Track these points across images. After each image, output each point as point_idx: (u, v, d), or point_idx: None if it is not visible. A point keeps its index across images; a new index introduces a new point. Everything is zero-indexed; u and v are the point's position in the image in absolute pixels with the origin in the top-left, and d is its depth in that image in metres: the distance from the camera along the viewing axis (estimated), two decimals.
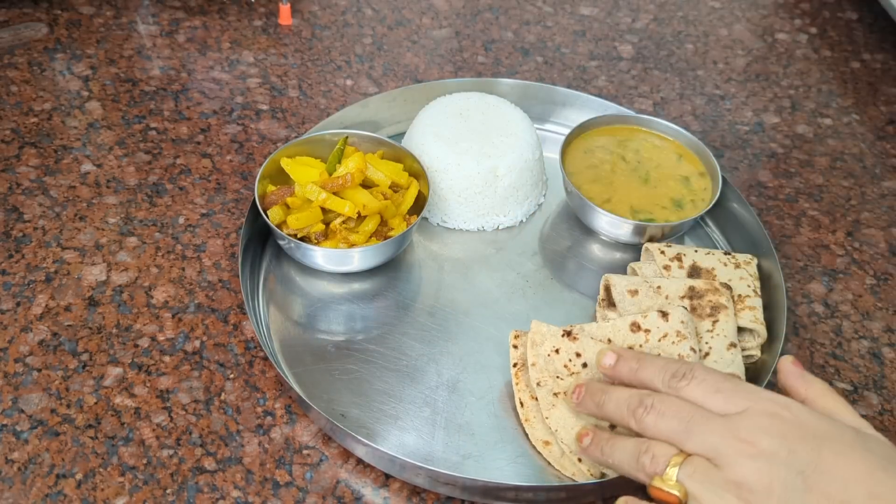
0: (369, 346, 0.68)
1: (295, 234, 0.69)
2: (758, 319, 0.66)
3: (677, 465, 0.49)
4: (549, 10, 1.05)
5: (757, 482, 0.46)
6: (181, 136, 0.84)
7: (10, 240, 0.73)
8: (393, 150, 0.76)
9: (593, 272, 0.75)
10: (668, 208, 0.75)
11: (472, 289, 0.73)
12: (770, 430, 0.48)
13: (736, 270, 0.69)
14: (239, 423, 0.62)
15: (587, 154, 0.78)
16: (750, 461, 0.47)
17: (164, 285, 0.70)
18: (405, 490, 0.60)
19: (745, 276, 0.69)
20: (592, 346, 0.61)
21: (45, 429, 0.61)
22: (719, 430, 0.49)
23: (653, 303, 0.65)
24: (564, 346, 0.61)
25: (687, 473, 0.49)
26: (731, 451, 0.48)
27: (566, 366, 0.61)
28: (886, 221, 0.83)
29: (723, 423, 0.49)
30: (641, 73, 0.97)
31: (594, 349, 0.60)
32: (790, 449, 0.47)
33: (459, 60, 0.96)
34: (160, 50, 0.93)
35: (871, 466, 0.46)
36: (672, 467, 0.49)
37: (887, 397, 0.68)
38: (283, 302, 0.70)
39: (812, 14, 1.10)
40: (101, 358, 0.65)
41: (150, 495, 0.58)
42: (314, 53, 0.95)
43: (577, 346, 0.61)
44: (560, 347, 0.61)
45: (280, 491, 0.59)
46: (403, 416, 0.63)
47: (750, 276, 0.69)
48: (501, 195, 0.76)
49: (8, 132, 0.82)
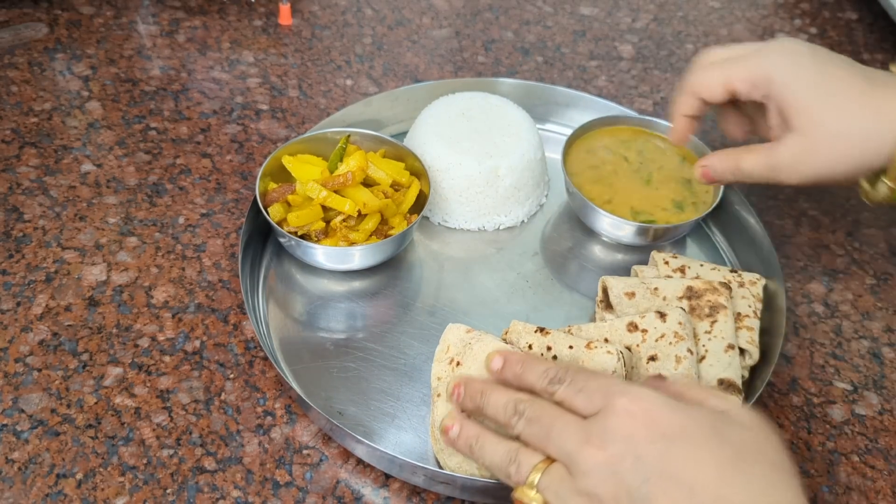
0: (368, 344, 0.68)
1: (295, 231, 0.69)
2: (753, 341, 0.65)
3: (540, 471, 0.49)
4: (549, 10, 1.05)
5: (604, 492, 0.46)
6: (181, 136, 0.84)
7: (10, 240, 0.73)
8: (395, 149, 0.76)
9: (594, 273, 0.75)
10: (669, 210, 0.75)
11: (473, 288, 0.73)
12: (618, 433, 0.47)
13: (739, 289, 0.68)
14: (239, 423, 0.62)
15: (589, 154, 0.78)
16: (598, 470, 0.46)
17: (164, 285, 0.70)
18: (405, 490, 0.60)
19: (747, 296, 0.67)
20: (563, 339, 0.61)
21: (46, 429, 0.61)
22: (574, 435, 0.48)
23: (650, 305, 0.65)
24: (537, 341, 0.61)
25: (545, 483, 0.48)
26: (582, 459, 0.47)
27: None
28: (886, 221, 0.83)
29: (577, 428, 0.48)
30: (641, 73, 0.97)
31: (564, 342, 0.60)
32: (637, 455, 0.46)
33: (459, 60, 0.96)
34: (160, 50, 0.93)
35: (722, 464, 0.45)
36: (534, 474, 0.49)
37: (887, 397, 0.68)
38: (283, 300, 0.70)
39: (812, 14, 1.10)
40: (101, 358, 0.65)
41: (150, 495, 0.58)
42: (314, 53, 0.95)
43: (548, 340, 0.61)
44: (533, 343, 0.61)
45: (280, 491, 0.59)
46: (401, 414, 0.63)
47: (752, 297, 0.67)
48: (503, 195, 0.76)
49: (8, 132, 0.82)
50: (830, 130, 0.61)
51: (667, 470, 0.45)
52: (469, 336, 0.62)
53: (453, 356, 0.61)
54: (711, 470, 0.45)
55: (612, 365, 0.58)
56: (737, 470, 0.45)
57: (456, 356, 0.61)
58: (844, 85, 0.61)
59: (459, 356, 0.61)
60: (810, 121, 0.61)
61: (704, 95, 0.66)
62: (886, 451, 0.65)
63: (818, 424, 0.66)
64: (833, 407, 0.67)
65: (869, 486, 0.63)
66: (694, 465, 0.45)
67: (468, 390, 0.55)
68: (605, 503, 0.46)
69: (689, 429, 0.47)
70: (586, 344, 0.59)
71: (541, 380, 0.52)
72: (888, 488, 0.63)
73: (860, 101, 0.61)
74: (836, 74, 0.62)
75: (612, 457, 0.46)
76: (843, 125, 0.61)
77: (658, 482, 0.45)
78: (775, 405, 0.67)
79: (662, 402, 0.48)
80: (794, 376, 0.69)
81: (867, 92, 0.61)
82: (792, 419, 0.66)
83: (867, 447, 0.65)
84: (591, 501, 0.46)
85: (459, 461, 0.57)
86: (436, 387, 0.61)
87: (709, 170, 0.69)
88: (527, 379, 0.53)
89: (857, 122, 0.61)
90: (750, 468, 0.46)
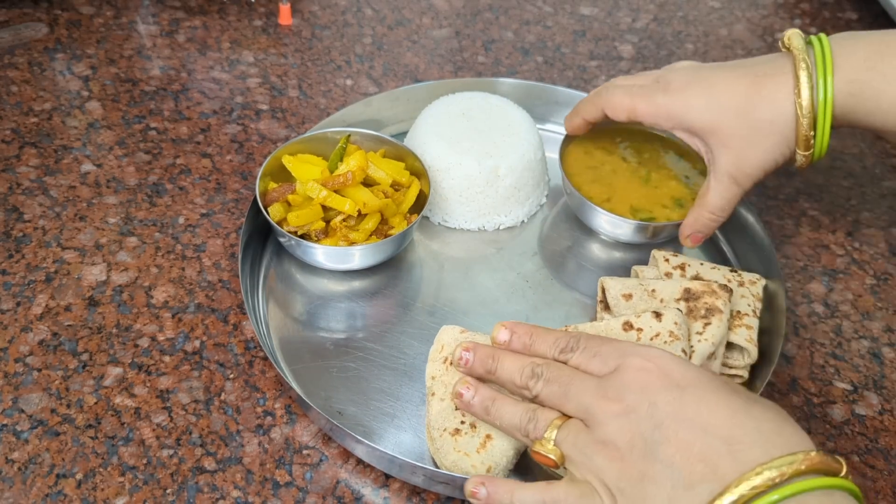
0: (368, 344, 0.68)
1: (295, 231, 0.69)
2: (751, 339, 0.64)
3: (556, 427, 0.51)
4: (549, 10, 1.05)
5: (620, 439, 0.48)
6: (181, 136, 0.84)
7: (10, 240, 0.73)
8: (395, 149, 0.76)
9: (593, 272, 0.75)
10: (669, 207, 0.75)
11: (472, 288, 0.73)
12: (633, 386, 0.49)
13: (739, 289, 0.68)
14: (239, 423, 0.62)
15: (587, 155, 0.78)
16: (614, 419, 0.48)
17: (164, 285, 0.70)
18: (405, 490, 0.60)
19: (747, 296, 0.67)
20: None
21: (45, 429, 0.61)
22: (591, 391, 0.50)
23: (647, 306, 0.65)
24: None
25: (562, 437, 0.50)
26: (599, 411, 0.49)
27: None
28: (886, 221, 0.83)
29: (595, 384, 0.51)
30: (641, 72, 0.97)
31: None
32: (651, 401, 0.48)
33: (459, 60, 0.96)
34: (160, 50, 0.93)
35: (733, 409, 0.47)
36: (551, 430, 0.51)
37: (887, 397, 0.68)
38: (283, 299, 0.70)
39: (812, 14, 1.10)
40: (101, 358, 0.65)
41: (150, 495, 0.58)
42: (314, 53, 0.95)
43: None
44: None
45: (280, 491, 0.59)
46: (401, 414, 0.63)
47: (752, 297, 0.67)
48: (503, 195, 0.76)
49: (8, 132, 0.82)
50: (743, 135, 0.65)
51: (679, 414, 0.47)
52: (463, 336, 0.62)
53: (447, 356, 0.61)
54: (723, 413, 0.47)
55: None
56: (748, 415, 0.47)
57: (450, 355, 0.61)
58: (731, 93, 0.65)
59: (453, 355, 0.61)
60: (723, 135, 0.66)
61: (608, 113, 0.71)
62: (886, 451, 0.65)
63: (818, 424, 0.66)
64: (833, 407, 0.67)
65: (869, 486, 0.63)
66: (706, 409, 0.47)
67: (478, 355, 0.56)
68: (620, 449, 0.48)
69: (701, 379, 0.49)
70: None
71: (552, 349, 0.54)
72: (888, 488, 0.63)
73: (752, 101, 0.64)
74: (721, 87, 0.66)
75: (628, 406, 0.48)
76: (749, 126, 0.65)
77: (671, 425, 0.47)
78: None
79: (675, 359, 0.50)
80: (794, 376, 0.69)
81: (753, 86, 0.65)
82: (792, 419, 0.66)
83: (867, 447, 0.65)
84: (606, 449, 0.48)
85: (455, 459, 0.57)
86: (430, 386, 0.61)
87: (695, 234, 0.71)
88: (538, 349, 0.55)
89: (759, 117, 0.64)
90: (760, 413, 0.47)
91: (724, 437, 0.46)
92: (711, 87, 0.66)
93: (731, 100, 0.65)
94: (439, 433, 0.58)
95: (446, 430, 0.58)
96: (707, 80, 0.67)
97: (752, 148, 0.65)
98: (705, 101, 0.66)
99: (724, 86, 0.66)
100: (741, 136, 0.65)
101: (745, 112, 0.65)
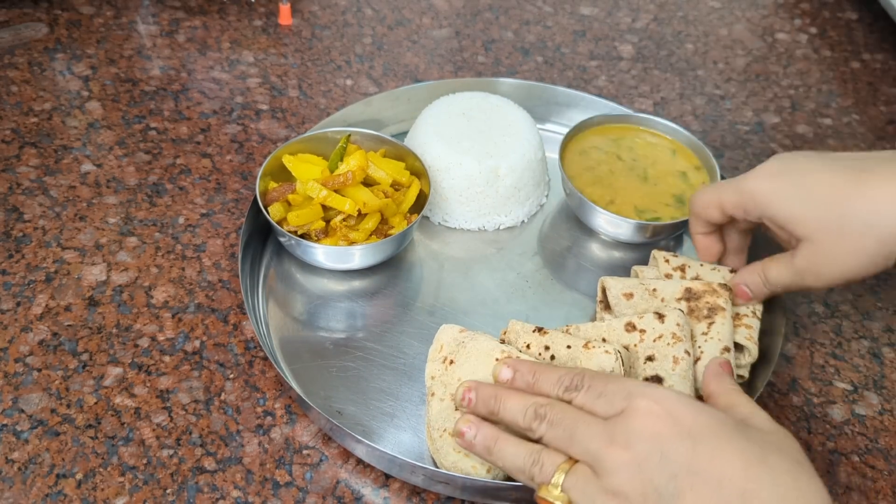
0: (368, 343, 0.68)
1: (295, 231, 0.69)
2: (752, 338, 0.64)
3: (564, 472, 0.49)
4: (549, 10, 1.05)
5: (632, 491, 0.47)
6: (181, 136, 0.84)
7: (10, 240, 0.73)
8: (395, 149, 0.76)
9: (593, 272, 0.75)
10: (672, 205, 0.75)
11: (472, 288, 0.73)
12: (643, 433, 0.47)
13: None
14: (239, 423, 0.62)
15: (583, 156, 0.78)
16: (624, 469, 0.47)
17: (164, 285, 0.70)
18: (405, 490, 0.60)
19: None
20: (561, 339, 0.61)
21: (46, 429, 0.61)
22: (598, 435, 0.49)
23: (648, 306, 0.65)
24: (535, 340, 0.61)
25: (570, 483, 0.49)
26: (608, 459, 0.48)
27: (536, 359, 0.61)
28: None
29: (601, 429, 0.49)
30: (641, 73, 0.97)
31: (562, 341, 0.61)
32: (662, 452, 0.47)
33: (459, 60, 0.96)
34: (160, 50, 0.93)
35: (748, 461, 0.46)
36: (559, 474, 0.49)
37: (887, 397, 0.68)
38: (282, 299, 0.70)
39: (812, 14, 1.10)
40: (101, 358, 0.65)
41: (150, 495, 0.58)
42: (314, 53, 0.95)
43: (545, 340, 0.61)
44: (531, 342, 0.61)
45: (280, 491, 0.59)
46: (401, 414, 0.63)
47: None
48: (503, 195, 0.76)
49: (8, 132, 0.82)
50: (831, 231, 0.59)
51: (694, 466, 0.46)
52: (462, 335, 0.62)
53: (447, 355, 0.61)
54: (738, 465, 0.46)
55: (610, 365, 0.58)
56: (763, 465, 0.46)
57: (449, 355, 0.61)
58: (825, 185, 0.59)
59: (453, 354, 0.61)
60: (808, 228, 0.60)
61: (706, 217, 0.66)
62: (886, 451, 0.65)
63: (818, 424, 0.66)
64: (833, 407, 0.67)
65: (869, 486, 0.63)
66: (720, 461, 0.46)
67: (480, 395, 0.55)
68: (632, 501, 0.46)
69: (713, 427, 0.48)
70: (584, 344, 0.59)
71: (556, 387, 0.53)
72: (888, 488, 0.63)
73: (846, 194, 0.58)
74: (815, 177, 0.60)
75: (639, 455, 0.47)
76: (840, 223, 0.58)
77: (686, 478, 0.46)
78: (775, 405, 0.67)
79: (684, 402, 0.49)
80: (794, 376, 0.69)
81: (852, 180, 0.58)
82: (792, 419, 0.66)
83: (867, 447, 0.65)
84: (618, 499, 0.47)
85: (455, 460, 0.57)
86: (430, 386, 0.61)
87: (744, 288, 0.66)
88: (541, 387, 0.54)
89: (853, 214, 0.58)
90: (776, 464, 0.46)
91: (739, 491, 0.45)
92: (804, 175, 0.60)
93: (822, 190, 0.59)
94: (439, 433, 0.58)
95: (446, 430, 0.58)
96: (802, 169, 0.60)
97: (839, 248, 0.59)
98: (794, 190, 0.60)
99: (819, 175, 0.59)
100: (828, 231, 0.59)
101: (837, 204, 0.58)
